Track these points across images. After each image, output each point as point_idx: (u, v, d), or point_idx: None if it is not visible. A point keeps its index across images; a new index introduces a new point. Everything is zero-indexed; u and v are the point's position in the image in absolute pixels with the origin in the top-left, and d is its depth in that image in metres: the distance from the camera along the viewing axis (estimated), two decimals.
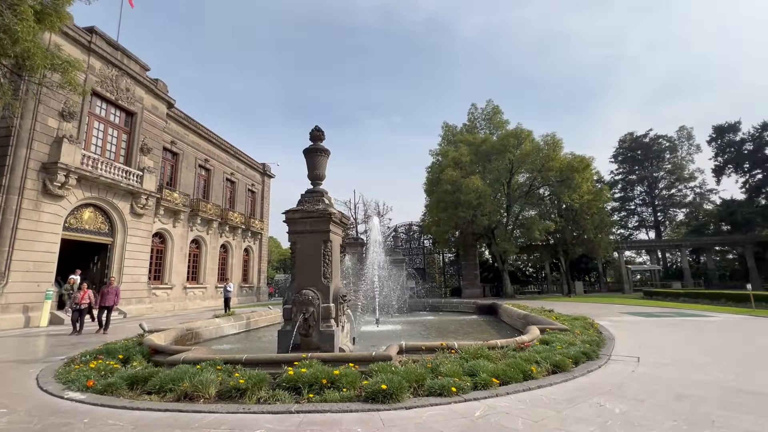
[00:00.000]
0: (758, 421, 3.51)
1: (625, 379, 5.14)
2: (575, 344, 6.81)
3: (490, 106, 36.56)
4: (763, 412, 3.74)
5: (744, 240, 38.84)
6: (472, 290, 33.42)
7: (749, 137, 42.45)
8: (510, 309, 14.66)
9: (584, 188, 29.12)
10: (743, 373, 5.28)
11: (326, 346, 6.67)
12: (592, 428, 3.40)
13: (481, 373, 4.78)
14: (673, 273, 42.12)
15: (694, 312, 14.37)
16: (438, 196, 29.67)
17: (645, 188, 52.70)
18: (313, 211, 7.22)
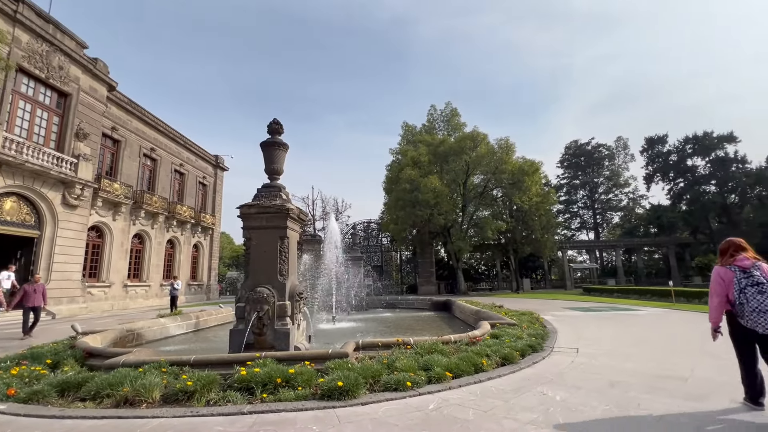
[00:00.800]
0: (674, 402, 3.95)
1: (565, 368, 5.54)
2: (522, 338, 7.21)
3: (448, 108, 37.56)
4: (678, 395, 4.21)
5: (667, 241, 43.21)
6: (428, 287, 34.23)
7: (674, 149, 47.22)
8: (463, 305, 15.21)
9: (533, 191, 30.87)
10: (664, 361, 5.89)
11: (281, 345, 6.53)
12: (536, 415, 3.64)
13: (435, 368, 4.92)
14: (609, 271, 45.92)
15: (626, 306, 15.77)
16: (397, 194, 30.02)
17: (586, 192, 56.90)
18: (269, 207, 7.01)
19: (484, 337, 7.12)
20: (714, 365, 5.47)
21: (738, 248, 3.96)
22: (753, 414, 3.59)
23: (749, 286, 3.65)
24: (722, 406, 3.81)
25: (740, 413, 3.61)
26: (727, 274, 3.84)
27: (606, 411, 3.74)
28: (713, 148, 44.32)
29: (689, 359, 5.94)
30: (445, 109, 37.70)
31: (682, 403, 3.92)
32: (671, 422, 3.41)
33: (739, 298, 3.68)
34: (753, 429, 3.28)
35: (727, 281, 3.81)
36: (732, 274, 3.80)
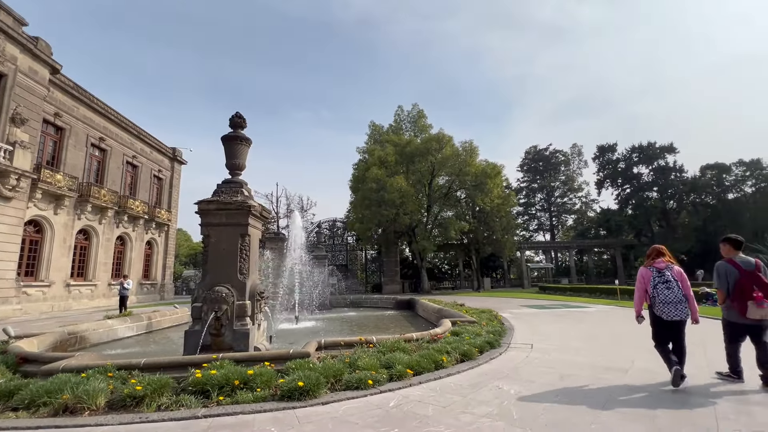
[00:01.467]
0: (617, 391, 4.26)
1: (520, 363, 5.80)
2: (481, 335, 7.46)
3: (415, 109, 38.04)
4: (620, 384, 4.54)
5: (615, 243, 46.32)
6: (393, 286, 34.51)
7: (622, 157, 50.70)
8: (426, 304, 15.48)
9: (495, 193, 31.99)
10: (609, 354, 6.33)
11: (240, 346, 6.33)
12: (491, 409, 3.78)
13: (396, 365, 4.98)
14: (563, 270, 48.52)
15: (577, 304, 16.74)
16: (363, 193, 30.02)
17: (544, 196, 59.77)
18: (230, 203, 6.77)
19: (445, 334, 7.29)
20: (651, 358, 5.91)
21: (658, 253, 4.86)
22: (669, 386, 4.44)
23: (660, 283, 4.58)
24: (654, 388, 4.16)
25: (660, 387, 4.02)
26: (647, 273, 4.73)
27: (555, 402, 3.96)
28: (656, 158, 48.05)
29: (631, 352, 6.41)
30: (412, 111, 38.17)
31: (622, 391, 4.25)
32: (612, 408, 3.68)
33: (653, 293, 4.60)
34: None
35: (647, 279, 4.71)
36: (650, 273, 4.70)
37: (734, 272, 4.56)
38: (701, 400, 3.95)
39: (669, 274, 4.59)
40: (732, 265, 4.61)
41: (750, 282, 4.40)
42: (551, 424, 3.37)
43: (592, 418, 3.47)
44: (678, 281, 4.56)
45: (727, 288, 4.61)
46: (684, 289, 4.54)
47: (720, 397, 4.05)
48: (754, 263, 4.55)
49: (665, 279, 4.57)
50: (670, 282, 4.54)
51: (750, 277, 4.43)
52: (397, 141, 33.09)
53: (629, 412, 3.63)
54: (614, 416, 3.53)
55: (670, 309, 4.46)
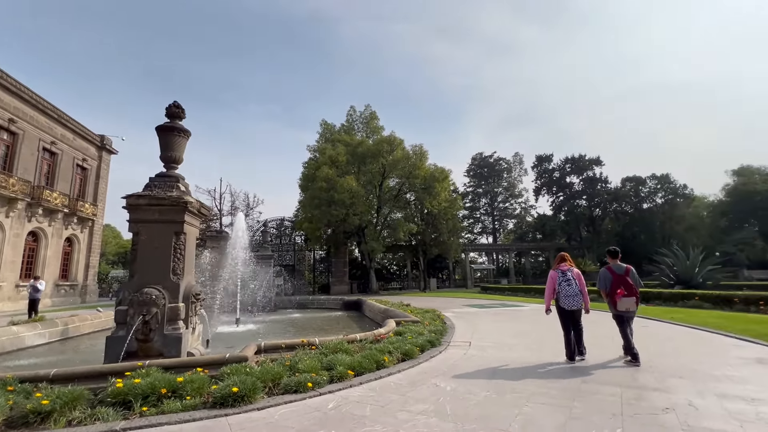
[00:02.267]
0: (544, 384, 4.61)
1: (458, 361, 6.06)
2: (423, 334, 7.67)
3: (368, 111, 38.19)
4: (546, 377, 4.92)
5: (549, 246, 50.01)
6: (341, 287, 34.29)
7: (557, 167, 54.98)
8: (373, 304, 15.59)
9: (443, 196, 33.08)
10: (538, 350, 6.83)
11: (171, 351, 5.93)
12: (428, 405, 3.91)
13: (338, 367, 4.96)
14: (503, 271, 51.36)
15: (513, 303, 17.82)
16: (312, 192, 29.52)
17: (488, 200, 62.93)
18: (164, 198, 6.32)
19: (388, 334, 7.39)
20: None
21: (563, 259, 6.24)
22: (571, 366, 5.59)
23: (563, 281, 5.95)
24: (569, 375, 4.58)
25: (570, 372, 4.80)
26: (554, 274, 6.09)
27: (487, 396, 4.20)
28: (585, 169, 52.73)
29: (556, 347, 6.96)
30: (365, 112, 38.28)
31: (547, 383, 4.61)
32: (535, 401, 3.98)
33: (558, 289, 5.96)
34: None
35: (554, 279, 6.05)
36: (557, 274, 6.06)
37: (609, 276, 5.91)
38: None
39: (570, 274, 5.97)
40: (608, 271, 5.96)
41: (619, 283, 5.77)
42: (481, 417, 3.56)
43: (517, 411, 3.72)
44: (575, 280, 5.93)
45: (605, 288, 5.93)
46: (580, 286, 5.89)
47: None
48: (625, 268, 5.87)
49: (567, 278, 5.94)
50: (570, 281, 5.92)
51: (620, 279, 5.80)
52: (349, 141, 32.97)
53: (549, 400, 3.95)
54: (536, 407, 3.82)
55: (570, 301, 5.85)
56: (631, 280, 5.78)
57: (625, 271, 5.83)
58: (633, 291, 5.70)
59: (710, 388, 4.33)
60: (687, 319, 9.94)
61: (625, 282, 5.74)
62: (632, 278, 5.80)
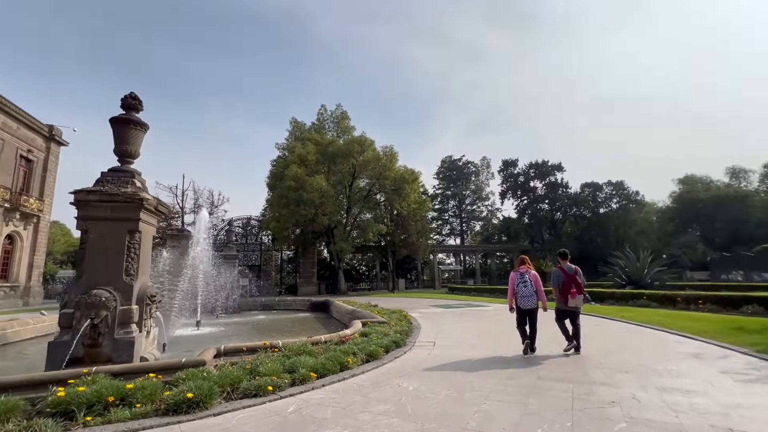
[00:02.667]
0: (503, 381, 4.77)
1: (421, 361, 6.14)
2: (389, 335, 7.71)
3: (339, 110, 37.96)
4: (505, 375, 5.09)
5: (514, 248, 51.76)
6: (309, 288, 33.81)
7: (522, 172, 56.99)
8: (340, 305, 15.48)
9: (412, 198, 33.44)
10: (499, 348, 7.05)
11: (122, 357, 5.61)
12: (389, 406, 3.93)
13: (300, 369, 4.88)
14: (469, 272, 52.60)
15: (478, 303, 18.29)
16: (281, 191, 28.94)
17: (456, 203, 64.22)
18: (117, 194, 5.97)
19: (354, 335, 7.37)
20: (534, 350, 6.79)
21: (522, 262, 6.81)
22: (528, 362, 6.03)
23: (521, 283, 6.52)
24: (526, 373, 4.76)
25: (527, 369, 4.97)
26: (514, 276, 6.64)
27: (448, 395, 4.28)
28: (548, 174, 55.01)
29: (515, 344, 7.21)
30: (336, 111, 38.01)
31: (506, 380, 4.78)
32: (494, 398, 4.10)
33: (516, 290, 6.52)
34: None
35: (514, 280, 6.60)
36: (516, 276, 6.60)
37: (561, 276, 6.58)
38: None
39: (527, 276, 6.54)
40: (561, 271, 6.64)
41: (570, 282, 6.44)
42: (441, 416, 3.63)
43: (476, 408, 3.82)
44: (531, 282, 6.50)
45: (557, 286, 6.59)
46: (536, 287, 6.49)
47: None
48: (574, 269, 6.57)
49: (524, 280, 6.52)
50: (527, 282, 6.50)
51: (570, 279, 6.46)
52: (319, 140, 32.61)
53: (506, 398, 4.09)
54: (494, 404, 3.94)
55: (525, 301, 6.43)
56: (580, 279, 6.52)
57: (575, 271, 6.56)
58: (581, 289, 6.45)
59: (652, 382, 4.65)
60: (635, 318, 10.61)
61: (576, 281, 6.45)
62: (581, 278, 6.55)
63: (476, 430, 3.29)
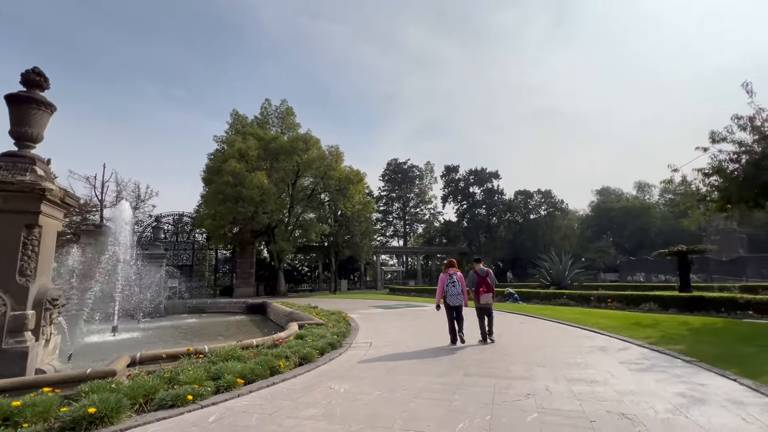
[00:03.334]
0: (433, 379, 4.93)
1: (356, 362, 6.14)
2: (326, 336, 7.61)
3: (284, 105, 36.78)
4: (435, 373, 5.27)
5: (453, 250, 53.99)
6: (246, 289, 32.27)
7: (462, 177, 59.76)
8: (278, 307, 15.00)
9: (357, 199, 33.41)
10: (432, 347, 7.29)
11: (13, 370, 4.89)
12: (318, 410, 3.87)
13: (226, 375, 4.62)
14: (411, 273, 53.86)
15: (418, 303, 18.80)
16: (218, 187, 27.31)
17: (400, 205, 65.50)
18: (10, 183, 5.20)
19: (288, 338, 7.16)
20: (461, 348, 7.11)
21: (450, 265, 7.79)
22: (451, 347, 7.16)
23: (450, 283, 7.48)
24: (455, 371, 4.99)
25: (456, 367, 4.95)
26: (443, 277, 7.60)
27: (379, 395, 4.32)
28: (485, 181, 58.30)
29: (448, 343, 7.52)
30: (281, 106, 36.78)
31: (436, 378, 4.94)
32: (421, 396, 4.22)
33: (446, 289, 7.47)
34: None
35: (443, 281, 7.56)
36: (446, 277, 7.55)
37: (475, 278, 7.66)
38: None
39: (455, 277, 7.51)
40: (475, 274, 7.73)
41: (482, 283, 7.57)
42: (369, 417, 3.65)
43: (404, 408, 3.90)
44: (459, 282, 7.48)
45: (472, 287, 7.64)
46: (462, 287, 7.45)
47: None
48: (486, 271, 7.71)
49: (453, 281, 7.49)
50: (455, 282, 7.47)
51: (482, 280, 7.59)
52: (262, 135, 31.31)
53: (434, 395, 4.23)
54: (422, 402, 4.05)
55: (454, 299, 7.40)
56: (490, 280, 7.66)
57: (486, 274, 7.71)
58: (491, 288, 7.61)
59: (564, 374, 5.10)
60: (555, 315, 11.60)
61: (486, 282, 7.61)
62: (491, 279, 7.70)
63: (402, 428, 3.36)
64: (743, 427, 3.24)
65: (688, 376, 4.83)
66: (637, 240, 51.92)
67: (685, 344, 6.78)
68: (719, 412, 3.59)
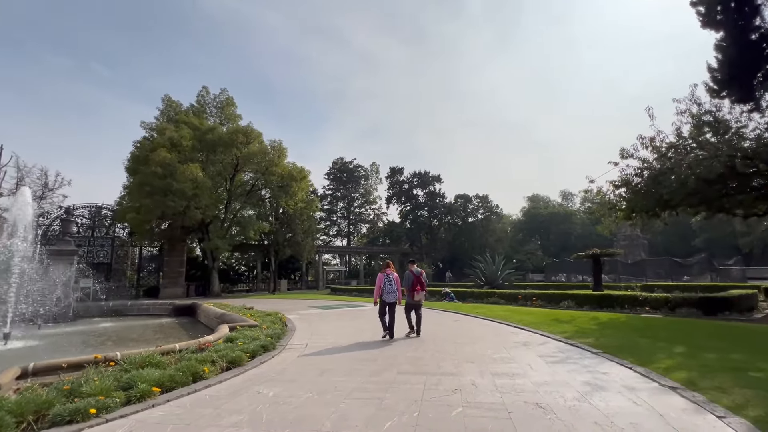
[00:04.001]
0: (365, 379, 4.93)
1: (289, 364, 5.95)
2: (259, 338, 7.29)
3: (224, 95, 34.72)
4: (369, 372, 5.28)
5: (396, 251, 54.92)
6: (174, 290, 29.90)
7: (407, 180, 61.10)
8: (209, 309, 14.16)
9: (300, 196, 32.57)
10: (368, 346, 7.32)
11: None
12: (243, 416, 3.68)
13: (139, 384, 4.21)
14: (354, 273, 53.81)
15: (358, 303, 18.80)
16: (144, 177, 24.98)
17: (345, 204, 65.17)
18: None
19: (217, 341, 6.75)
20: (396, 346, 7.22)
21: (387, 265, 8.65)
22: (384, 340, 7.92)
23: (386, 282, 8.27)
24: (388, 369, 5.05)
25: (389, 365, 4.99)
26: (381, 276, 8.40)
27: (310, 398, 4.22)
28: (428, 184, 60.17)
29: (385, 342, 7.60)
30: (220, 96, 34.65)
31: (368, 377, 4.96)
32: (353, 396, 4.21)
33: (383, 287, 8.23)
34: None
35: (381, 280, 8.33)
36: (384, 276, 8.35)
37: (410, 277, 8.42)
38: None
39: (391, 277, 8.36)
40: (410, 273, 8.48)
41: (417, 282, 8.36)
42: (297, 420, 3.54)
43: (334, 409, 3.85)
44: (395, 281, 8.33)
45: (407, 286, 8.39)
46: (396, 285, 8.30)
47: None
48: (419, 272, 8.53)
49: (389, 280, 8.31)
50: (392, 281, 8.31)
51: (416, 280, 8.37)
52: (198, 125, 29.22)
53: (365, 395, 4.24)
54: (352, 402, 4.03)
55: (389, 296, 8.21)
56: (423, 279, 8.52)
57: (419, 273, 8.54)
58: (424, 287, 8.49)
59: (489, 369, 5.40)
60: (486, 313, 12.29)
61: (420, 281, 8.43)
62: (424, 278, 8.55)
63: (330, 430, 3.31)
64: (633, 409, 3.67)
65: (594, 366, 5.38)
66: (561, 243, 57.04)
67: (593, 338, 7.56)
68: (616, 397, 4.04)
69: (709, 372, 4.81)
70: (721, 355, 5.78)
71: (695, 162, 10.17)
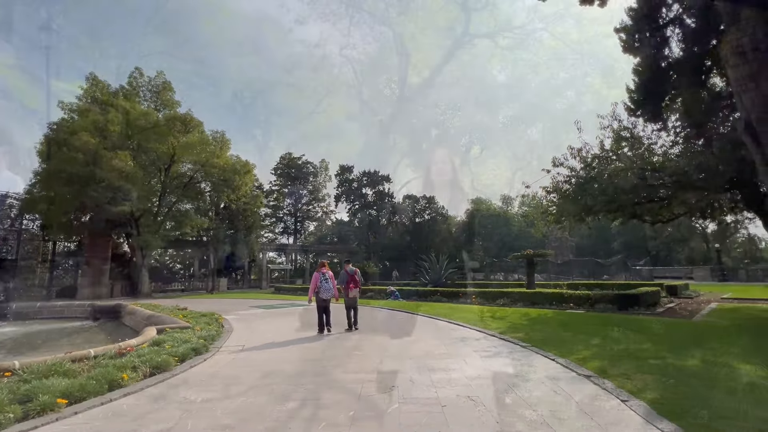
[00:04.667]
0: (303, 380, 4.81)
1: (222, 367, 5.63)
2: (190, 341, 6.83)
3: (160, 78, 32.02)
4: (306, 373, 5.16)
5: (343, 249, 54.62)
6: (95, 289, 27.01)
7: (356, 178, 61.02)
8: (137, 310, 13.02)
9: (243, 191, 31.09)
10: (309, 347, 7.18)
11: None
12: (166, 425, 3.41)
13: (41, 396, 3.73)
14: (299, 271, 52.60)
15: (303, 302, 18.31)
16: (61, 164, 22.32)
17: (293, 201, 63.49)
18: None
19: (141, 345, 6.20)
20: (337, 345, 7.16)
21: (323, 265, 8.99)
22: (319, 335, 8.29)
23: (323, 280, 8.65)
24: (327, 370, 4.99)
25: (329, 366, 4.86)
26: (317, 275, 8.73)
27: (242, 402, 4.03)
28: (378, 183, 60.61)
29: (326, 343, 7.50)
30: (156, 79, 31.89)
31: (307, 379, 4.84)
32: (292, 397, 4.08)
33: (319, 285, 8.59)
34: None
35: (317, 279, 8.67)
36: (319, 275, 8.71)
37: (345, 276, 8.97)
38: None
39: (327, 275, 8.74)
40: (345, 272, 9.06)
41: (351, 280, 8.92)
42: (226, 428, 3.35)
43: (268, 413, 3.71)
44: (330, 280, 8.72)
45: (343, 283, 8.93)
46: (332, 283, 8.72)
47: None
48: (354, 270, 9.13)
49: (326, 278, 8.70)
50: (327, 280, 8.69)
51: (351, 278, 8.94)
52: (128, 108, 26.65)
53: (303, 395, 4.14)
54: (290, 405, 3.92)
55: (326, 294, 8.60)
56: (358, 278, 9.08)
57: (354, 272, 9.10)
58: (358, 285, 9.08)
59: (428, 364, 5.55)
60: (429, 311, 12.64)
61: (354, 279, 8.99)
62: (358, 277, 9.14)
63: None
64: (554, 398, 3.98)
65: (523, 359, 5.75)
66: (501, 244, 60.51)
67: (524, 332, 8.09)
68: (539, 387, 4.35)
69: (618, 361, 5.37)
70: (628, 345, 6.48)
71: (614, 172, 11.33)
